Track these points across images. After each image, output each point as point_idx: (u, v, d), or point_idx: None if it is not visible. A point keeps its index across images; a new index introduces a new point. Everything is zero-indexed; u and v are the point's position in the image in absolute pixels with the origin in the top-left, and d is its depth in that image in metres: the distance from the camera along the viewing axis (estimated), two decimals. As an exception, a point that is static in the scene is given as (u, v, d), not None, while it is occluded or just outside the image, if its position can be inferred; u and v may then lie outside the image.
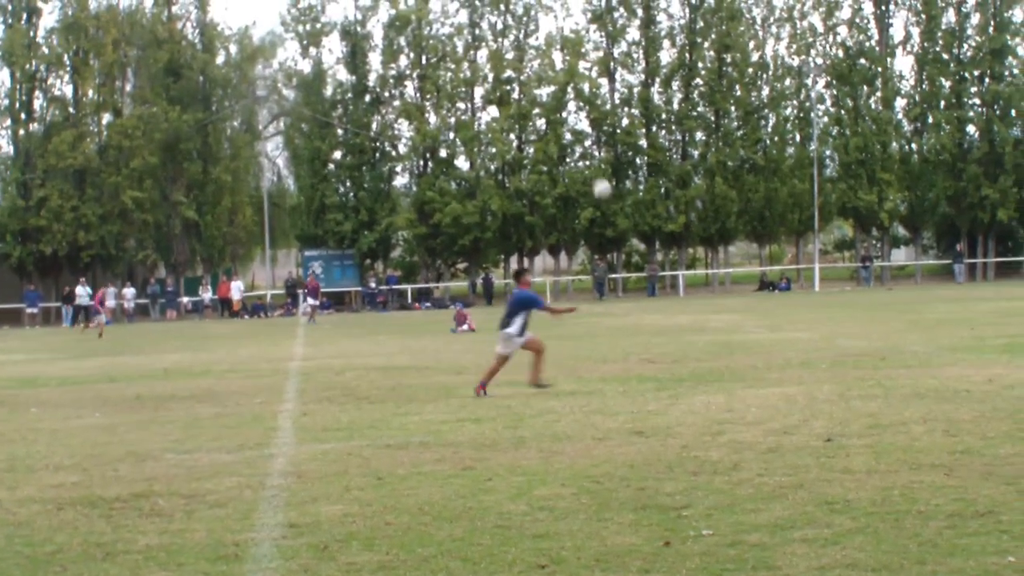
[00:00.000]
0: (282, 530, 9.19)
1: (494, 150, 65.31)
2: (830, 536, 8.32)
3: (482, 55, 66.86)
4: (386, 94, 67.41)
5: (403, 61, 66.72)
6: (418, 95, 66.59)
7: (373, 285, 63.45)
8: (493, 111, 66.95)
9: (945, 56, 68.43)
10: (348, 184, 66.94)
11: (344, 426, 15.21)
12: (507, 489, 10.46)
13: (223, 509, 10.05)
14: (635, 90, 67.58)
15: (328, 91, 66.94)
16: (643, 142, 67.24)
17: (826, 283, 66.26)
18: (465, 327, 37.33)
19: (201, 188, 65.47)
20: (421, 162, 66.97)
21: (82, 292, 59.37)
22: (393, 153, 68.07)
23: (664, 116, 67.81)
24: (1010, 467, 10.58)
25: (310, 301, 51.76)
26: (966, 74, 68.57)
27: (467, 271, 69.49)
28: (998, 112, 67.66)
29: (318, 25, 66.41)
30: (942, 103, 68.42)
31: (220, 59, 68.43)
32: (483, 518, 9.36)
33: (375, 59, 66.97)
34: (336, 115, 66.55)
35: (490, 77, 66.39)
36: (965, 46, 68.75)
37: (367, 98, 66.77)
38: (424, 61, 66.30)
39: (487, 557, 8.15)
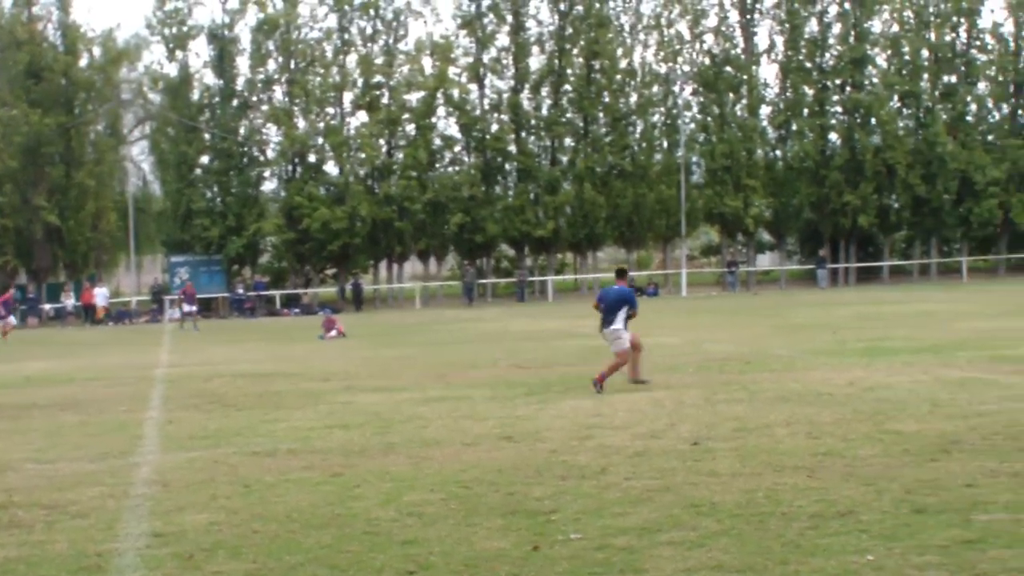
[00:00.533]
0: (147, 540, 9.06)
1: (363, 155, 64.95)
2: (696, 538, 8.42)
3: (351, 60, 66.45)
4: (254, 98, 66.68)
5: (271, 65, 66.01)
6: (287, 99, 65.93)
7: (241, 291, 62.69)
8: (362, 116, 66.60)
9: (808, 65, 69.69)
10: (215, 189, 66.05)
11: (211, 434, 15.03)
12: (376, 495, 10.43)
13: (86, 519, 9.88)
14: (504, 96, 67.69)
15: (195, 95, 65.99)
16: (512, 148, 67.37)
17: (693, 288, 67.00)
18: (334, 333, 37.17)
19: (64, 193, 63.93)
20: (290, 167, 66.33)
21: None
22: (261, 158, 67.33)
23: (533, 122, 68.04)
24: (869, 468, 10.82)
25: (185, 307, 51.13)
26: (828, 83, 69.88)
27: (336, 277, 69.06)
28: (859, 120, 68.99)
29: (185, 28, 65.33)
30: (805, 111, 69.63)
31: (83, 61, 66.89)
32: (351, 525, 9.32)
33: (243, 63, 66.22)
34: (203, 119, 65.68)
35: (359, 82, 66.03)
36: (827, 55, 70.06)
37: (235, 102, 65.94)
38: (293, 65, 65.71)
39: (355, 564, 8.12)
